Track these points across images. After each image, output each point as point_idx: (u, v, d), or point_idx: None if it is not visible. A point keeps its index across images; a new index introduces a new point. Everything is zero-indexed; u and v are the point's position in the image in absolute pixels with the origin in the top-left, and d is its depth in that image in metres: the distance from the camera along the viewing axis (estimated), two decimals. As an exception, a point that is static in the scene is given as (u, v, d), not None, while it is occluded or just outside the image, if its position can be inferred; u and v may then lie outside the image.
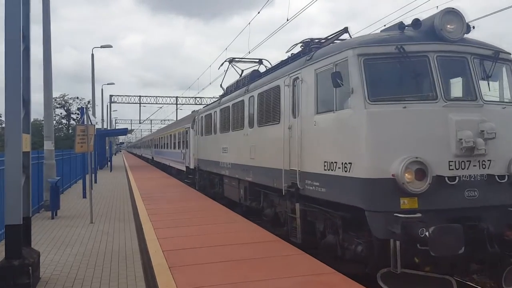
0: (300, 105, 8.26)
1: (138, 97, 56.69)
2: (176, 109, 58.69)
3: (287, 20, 14.35)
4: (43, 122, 17.24)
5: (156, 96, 57.69)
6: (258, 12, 17.76)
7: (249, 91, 11.81)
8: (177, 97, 57.46)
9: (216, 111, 16.16)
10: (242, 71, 15.68)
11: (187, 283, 5.97)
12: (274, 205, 10.46)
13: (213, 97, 52.04)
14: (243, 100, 12.37)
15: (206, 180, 18.74)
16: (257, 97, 11.06)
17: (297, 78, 8.50)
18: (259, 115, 10.91)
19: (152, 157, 48.67)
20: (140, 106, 57.35)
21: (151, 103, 57.82)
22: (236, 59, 15.97)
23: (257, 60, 15.23)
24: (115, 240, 8.92)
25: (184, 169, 23.82)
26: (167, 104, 58.41)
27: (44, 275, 6.61)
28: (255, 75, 12.82)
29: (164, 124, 73.56)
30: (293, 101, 8.64)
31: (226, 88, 16.06)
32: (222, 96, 16.73)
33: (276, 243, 8.31)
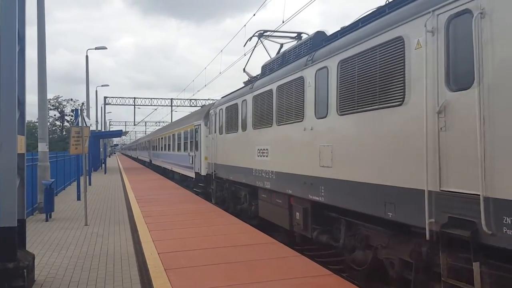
0: (482, 61, 4.44)
1: (133, 99, 56.56)
2: (171, 111, 58.63)
3: (283, 22, 14.36)
4: (37, 123, 17.13)
5: (151, 98, 57.68)
6: (254, 14, 17.79)
7: (315, 62, 8.07)
8: (172, 99, 57.41)
9: (245, 100, 12.17)
10: (281, 45, 12.48)
11: (182, 285, 5.95)
12: (374, 246, 6.64)
13: (209, 99, 52.23)
14: (301, 78, 8.62)
15: (226, 192, 14.84)
16: (336, 67, 7.24)
17: (466, 11, 4.67)
18: (342, 96, 7.06)
19: (150, 160, 44.13)
20: (134, 108, 57.24)
21: (146, 105, 57.73)
22: (268, 33, 12.66)
23: (295, 34, 12.19)
24: (110, 243, 8.86)
25: (193, 175, 19.59)
26: (162, 106, 58.35)
27: (39, 278, 6.56)
28: (320, 38, 8.80)
29: (159, 125, 73.22)
30: (448, 58, 4.91)
31: (263, 67, 11.96)
32: (251, 80, 12.82)
33: (273, 245, 8.30)
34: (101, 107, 56.43)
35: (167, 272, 6.54)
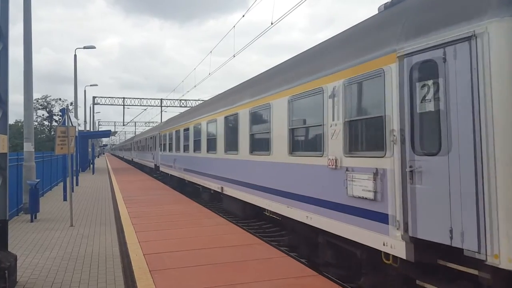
0: None
1: (122, 99, 56.22)
2: (161, 111, 58.41)
3: (272, 23, 14.37)
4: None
5: (141, 98, 57.37)
6: (243, 16, 17.77)
7: None
8: (161, 99, 57.18)
9: None
10: None
11: (167, 286, 5.92)
12: None
13: (199, 100, 52.08)
14: None
15: None
16: None
17: None
18: None
19: (157, 166, 28.81)
20: (124, 108, 56.89)
21: (135, 105, 57.43)
22: None
23: None
24: (95, 244, 8.79)
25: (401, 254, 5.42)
26: (152, 106, 58.06)
27: (21, 279, 6.48)
28: None
29: (149, 126, 72.29)
30: None
31: None
32: None
33: (259, 245, 8.29)
34: (90, 107, 56.02)
35: (152, 273, 6.50)
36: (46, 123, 78.29)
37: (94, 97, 54.54)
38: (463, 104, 4.63)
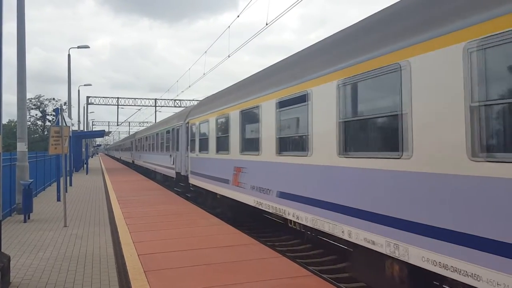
0: None
1: (116, 99, 56.05)
2: (155, 111, 58.30)
3: (266, 24, 14.40)
4: (17, 123, 16.81)
5: (135, 98, 57.23)
6: (238, 16, 17.78)
7: None
8: (156, 99, 57.09)
9: None
10: None
11: (162, 287, 5.91)
12: None
13: (193, 100, 52.02)
14: None
15: None
16: None
17: None
18: None
19: (181, 175, 18.47)
20: (118, 108, 56.75)
21: (130, 105, 57.28)
22: None
23: None
24: (89, 244, 8.75)
25: None
26: (146, 106, 57.93)
27: (15, 280, 6.43)
28: None
29: (143, 126, 71.96)
30: None
31: None
32: None
33: (254, 246, 8.30)
34: (84, 107, 55.78)
35: (147, 274, 6.49)
36: (39, 123, 77.96)
37: (88, 97, 54.33)
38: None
